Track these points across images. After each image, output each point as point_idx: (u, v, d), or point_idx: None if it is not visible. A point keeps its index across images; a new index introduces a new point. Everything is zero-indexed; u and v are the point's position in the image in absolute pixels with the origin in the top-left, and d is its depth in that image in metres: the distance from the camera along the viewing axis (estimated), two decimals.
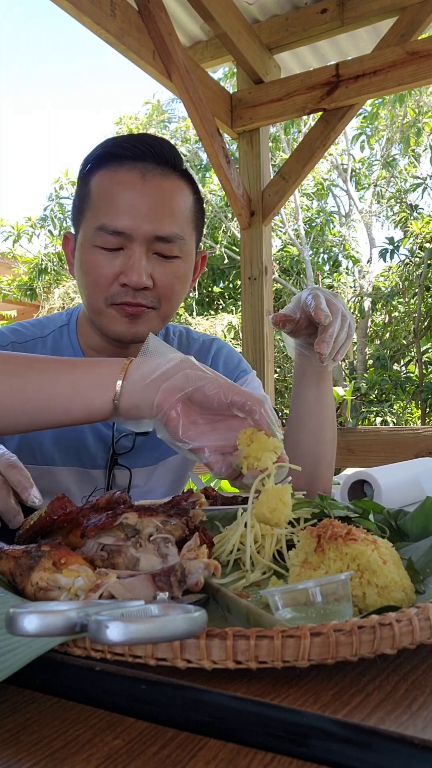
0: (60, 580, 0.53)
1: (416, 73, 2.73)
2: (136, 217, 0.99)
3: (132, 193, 0.99)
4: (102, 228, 0.99)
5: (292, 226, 10.46)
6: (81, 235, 1.05)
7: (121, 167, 1.01)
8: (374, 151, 10.89)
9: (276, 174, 3.21)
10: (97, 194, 1.02)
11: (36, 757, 0.36)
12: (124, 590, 0.50)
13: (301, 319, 1.00)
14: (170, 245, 1.02)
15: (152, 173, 1.01)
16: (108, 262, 1.01)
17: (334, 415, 1.17)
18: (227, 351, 1.32)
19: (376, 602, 0.54)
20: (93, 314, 1.07)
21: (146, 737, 0.38)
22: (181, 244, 1.04)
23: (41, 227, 11.51)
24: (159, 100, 11.21)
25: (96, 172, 1.03)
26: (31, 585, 0.53)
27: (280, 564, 0.69)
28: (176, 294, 1.07)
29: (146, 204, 0.99)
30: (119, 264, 1.01)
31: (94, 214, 1.02)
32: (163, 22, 2.50)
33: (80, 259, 1.05)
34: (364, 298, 10.27)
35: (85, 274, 1.04)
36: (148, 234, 1.00)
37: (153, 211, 0.99)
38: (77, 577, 0.52)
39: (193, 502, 0.69)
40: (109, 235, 0.99)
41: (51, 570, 0.53)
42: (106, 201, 1.00)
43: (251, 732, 0.37)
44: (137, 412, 0.72)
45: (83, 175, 1.07)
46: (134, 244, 1.00)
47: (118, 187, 1.00)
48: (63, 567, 0.53)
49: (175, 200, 1.03)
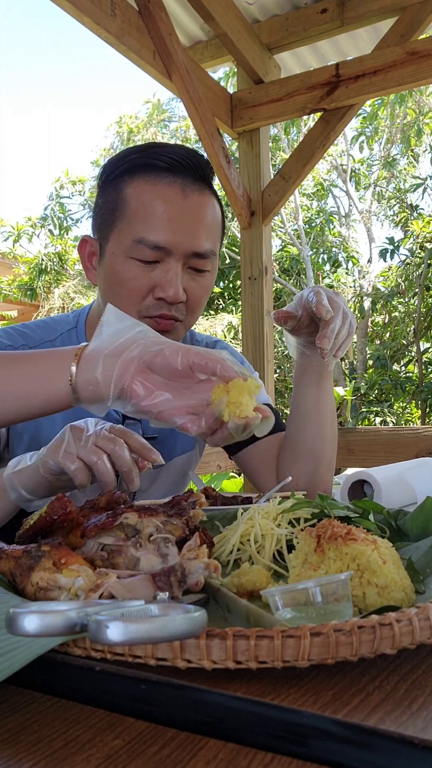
0: (60, 580, 0.53)
1: (416, 73, 2.72)
2: (177, 232, 1.00)
3: (173, 209, 1.00)
4: (141, 241, 1.00)
5: (292, 226, 10.47)
6: (113, 245, 1.04)
7: (161, 180, 1.01)
8: (374, 152, 10.90)
9: (276, 174, 3.21)
10: (135, 206, 1.02)
11: (36, 757, 0.36)
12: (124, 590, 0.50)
13: (303, 316, 1.01)
14: (204, 261, 1.05)
15: (191, 188, 1.03)
16: (144, 274, 1.02)
17: (335, 415, 1.18)
18: (230, 352, 1.33)
19: (376, 602, 0.54)
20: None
21: (146, 737, 0.38)
22: (213, 260, 1.08)
23: (41, 227, 11.50)
24: (159, 99, 11.21)
25: (131, 182, 1.03)
26: (31, 585, 0.53)
27: (280, 564, 0.69)
28: (202, 306, 1.10)
29: (187, 220, 1.01)
30: (155, 277, 1.02)
31: (131, 226, 1.02)
32: (163, 22, 2.49)
33: (112, 270, 1.04)
34: (364, 298, 10.27)
35: (118, 285, 1.04)
36: (187, 250, 1.02)
37: (193, 228, 1.02)
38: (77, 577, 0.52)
39: (193, 502, 0.69)
40: (148, 249, 1.00)
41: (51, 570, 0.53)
42: (145, 214, 1.01)
43: (251, 732, 0.37)
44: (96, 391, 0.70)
45: (112, 180, 1.06)
46: (172, 258, 1.01)
47: (159, 201, 1.00)
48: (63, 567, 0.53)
49: (210, 216, 1.05)
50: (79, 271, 11.11)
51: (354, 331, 1.03)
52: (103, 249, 1.07)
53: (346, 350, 1.01)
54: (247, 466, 1.28)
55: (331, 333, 0.95)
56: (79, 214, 12.22)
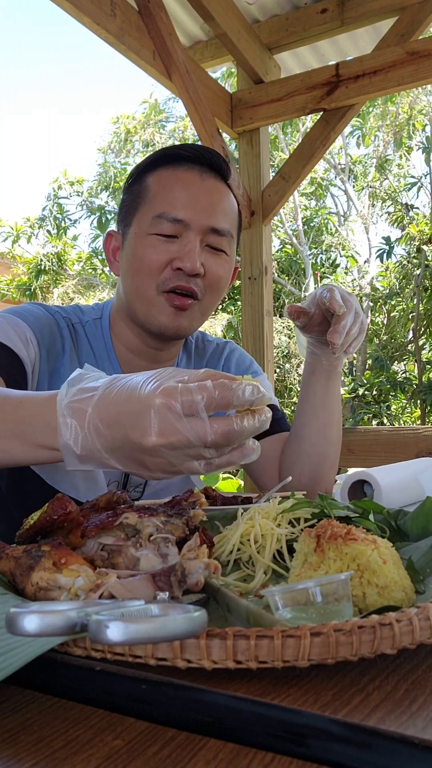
0: (60, 580, 0.53)
1: (416, 73, 2.73)
2: (195, 207, 1.06)
3: (191, 188, 1.07)
4: (161, 216, 1.05)
5: (290, 226, 10.46)
6: (135, 227, 1.10)
7: (181, 166, 1.09)
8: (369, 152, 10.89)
9: (276, 174, 3.21)
10: (156, 189, 1.09)
11: (36, 757, 0.36)
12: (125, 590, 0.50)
13: (315, 314, 1.03)
14: (221, 239, 1.09)
15: (209, 174, 1.10)
16: (163, 248, 1.06)
17: (341, 415, 1.18)
18: (239, 353, 1.37)
19: (376, 602, 0.54)
20: (142, 304, 1.10)
21: (146, 737, 0.38)
22: (230, 241, 1.11)
23: (39, 227, 11.50)
24: (156, 99, 11.20)
25: (153, 172, 1.11)
26: (31, 585, 0.53)
27: (280, 564, 0.69)
28: (220, 288, 1.12)
29: (204, 198, 1.07)
30: (174, 250, 1.06)
31: (151, 206, 1.08)
32: (163, 22, 2.49)
33: (133, 250, 1.09)
34: (363, 299, 10.26)
35: (138, 261, 1.08)
36: (205, 225, 1.06)
37: (210, 205, 1.07)
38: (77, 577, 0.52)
39: (193, 502, 0.69)
40: (167, 222, 1.05)
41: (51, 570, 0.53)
42: (165, 193, 1.07)
43: (251, 732, 0.37)
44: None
45: (136, 177, 1.13)
46: (190, 232, 1.06)
47: (178, 182, 1.07)
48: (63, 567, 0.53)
49: (227, 201, 1.11)
50: (77, 272, 11.10)
51: (365, 331, 1.04)
52: (126, 236, 1.13)
53: (356, 348, 1.03)
54: (249, 466, 1.28)
55: (343, 329, 0.96)
56: (77, 214, 12.21)
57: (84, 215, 12.23)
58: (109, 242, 1.18)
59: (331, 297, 0.97)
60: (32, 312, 1.12)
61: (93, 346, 1.17)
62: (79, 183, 11.96)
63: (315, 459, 1.14)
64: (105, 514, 0.65)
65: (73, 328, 1.17)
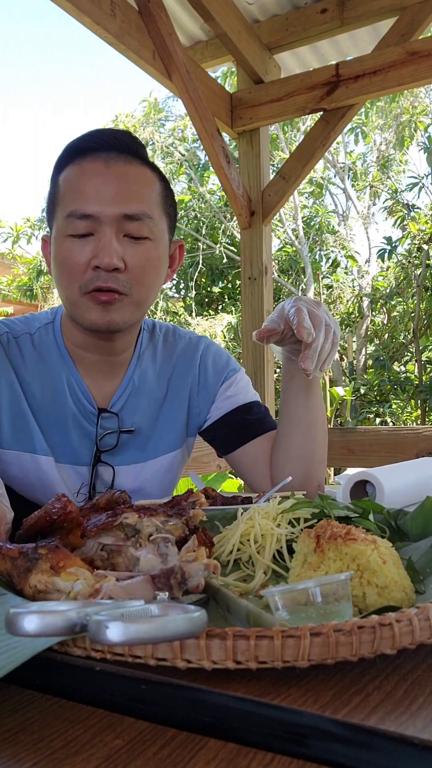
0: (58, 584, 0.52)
1: (416, 73, 2.73)
2: (103, 199, 1.01)
3: (96, 179, 1.02)
4: (71, 214, 1.02)
5: (290, 226, 10.46)
6: (54, 231, 1.07)
7: (85, 159, 1.04)
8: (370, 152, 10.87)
9: (276, 174, 3.21)
10: (64, 188, 1.05)
11: (36, 757, 0.36)
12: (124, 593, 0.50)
13: (286, 329, 1.01)
14: (139, 224, 1.03)
15: (115, 160, 1.03)
16: (80, 249, 1.02)
17: (324, 415, 1.18)
18: (215, 350, 1.31)
19: (376, 602, 0.54)
20: (69, 306, 1.08)
21: (146, 737, 0.38)
22: (151, 225, 1.05)
23: (38, 228, 11.49)
24: (156, 98, 11.19)
25: (63, 170, 1.07)
26: (29, 587, 0.53)
27: (280, 564, 0.69)
28: (148, 277, 1.07)
29: (111, 187, 1.02)
30: (91, 250, 1.02)
31: (62, 207, 1.04)
32: (163, 22, 2.49)
33: (54, 254, 1.07)
34: (363, 298, 10.26)
35: (60, 266, 1.05)
36: (116, 213, 1.01)
37: (119, 193, 1.02)
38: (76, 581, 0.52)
39: (193, 502, 0.69)
40: (78, 220, 1.01)
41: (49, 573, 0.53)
42: (73, 190, 1.03)
43: (251, 732, 0.37)
44: None
45: (53, 177, 1.09)
46: (103, 226, 1.01)
47: (83, 176, 1.03)
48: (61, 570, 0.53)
49: (139, 183, 1.05)
50: None
51: (339, 341, 1.01)
52: (51, 240, 1.10)
53: (331, 362, 1.01)
54: (239, 466, 1.27)
55: (314, 353, 0.94)
56: None
57: None
58: (45, 248, 1.15)
59: (298, 323, 0.94)
60: None
61: (42, 353, 1.15)
62: None
63: (303, 460, 1.15)
64: (105, 514, 0.65)
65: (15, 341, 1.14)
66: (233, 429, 1.25)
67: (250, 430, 1.24)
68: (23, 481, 1.11)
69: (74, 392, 1.14)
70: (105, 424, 1.15)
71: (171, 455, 1.23)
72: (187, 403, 1.24)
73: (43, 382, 1.13)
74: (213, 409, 1.26)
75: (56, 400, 1.12)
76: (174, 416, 1.23)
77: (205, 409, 1.26)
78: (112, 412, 1.15)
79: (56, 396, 1.13)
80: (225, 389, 1.26)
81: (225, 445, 1.27)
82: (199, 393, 1.26)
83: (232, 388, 1.27)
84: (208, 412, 1.26)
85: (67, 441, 1.13)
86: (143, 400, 1.19)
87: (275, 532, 0.71)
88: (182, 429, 1.24)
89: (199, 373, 1.26)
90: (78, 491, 1.14)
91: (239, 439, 1.24)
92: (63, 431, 1.12)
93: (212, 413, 1.26)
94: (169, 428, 1.22)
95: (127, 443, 1.16)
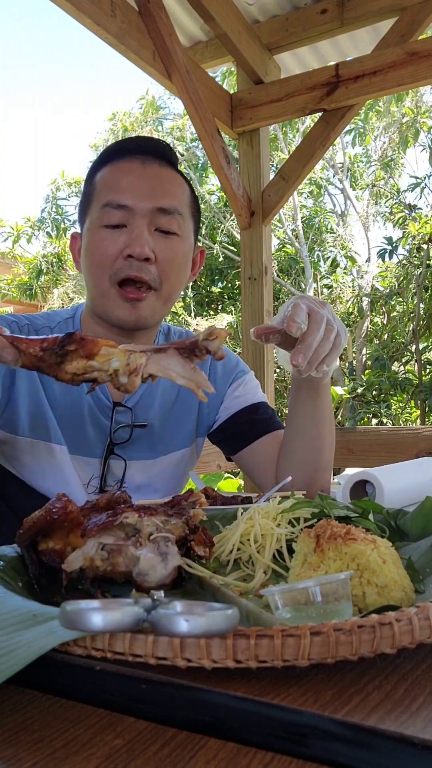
0: (95, 365, 0.58)
1: (416, 74, 2.73)
2: (138, 192, 1.08)
3: (133, 175, 1.09)
4: (107, 204, 1.08)
5: (290, 226, 10.46)
6: (88, 222, 1.13)
7: (122, 159, 1.12)
8: (370, 151, 10.86)
9: (276, 174, 3.21)
10: (101, 184, 1.12)
11: (36, 757, 0.36)
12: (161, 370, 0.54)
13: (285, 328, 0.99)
14: (170, 218, 1.10)
15: (151, 162, 1.12)
16: (113, 239, 1.07)
17: (332, 424, 1.18)
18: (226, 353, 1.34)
19: (376, 602, 0.54)
20: (98, 298, 1.11)
21: (146, 737, 0.38)
22: (180, 221, 1.11)
23: (39, 228, 11.49)
24: (153, 96, 11.16)
25: (100, 170, 1.14)
26: (66, 373, 0.58)
27: (280, 564, 0.69)
28: (175, 272, 1.12)
29: (146, 183, 1.09)
30: (123, 241, 1.07)
31: (98, 200, 1.10)
32: (163, 22, 2.49)
33: (87, 244, 1.12)
34: (363, 298, 10.26)
35: (91, 254, 1.10)
36: (150, 207, 1.08)
37: (153, 188, 1.09)
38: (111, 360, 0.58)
39: (193, 502, 0.69)
40: (113, 210, 1.07)
41: (84, 360, 0.58)
42: (110, 184, 1.10)
43: (251, 731, 0.37)
44: None
45: (89, 176, 1.16)
46: (137, 218, 1.07)
47: (121, 171, 1.11)
48: (94, 357, 0.58)
49: (172, 184, 1.13)
50: (77, 272, 11.10)
51: (343, 341, 0.98)
52: (82, 234, 1.15)
53: (333, 363, 0.96)
54: (246, 467, 1.29)
55: (307, 348, 0.90)
56: (76, 215, 12.19)
57: None
58: (74, 244, 1.20)
59: (290, 317, 0.90)
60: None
61: None
62: (77, 184, 11.95)
63: (308, 467, 1.15)
64: (105, 513, 0.65)
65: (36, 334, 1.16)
66: (241, 429, 1.27)
67: (256, 429, 1.26)
68: (36, 469, 1.13)
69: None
70: (119, 418, 1.17)
71: (180, 453, 1.25)
72: (198, 403, 1.28)
73: None
74: (222, 409, 1.30)
75: (73, 392, 1.15)
76: (184, 415, 1.26)
77: (214, 410, 1.30)
78: (127, 407, 1.17)
79: (73, 388, 1.15)
80: (233, 390, 1.30)
81: (232, 445, 1.30)
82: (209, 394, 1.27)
83: (241, 388, 1.30)
84: (217, 413, 1.30)
85: (82, 432, 1.15)
86: (156, 397, 1.22)
87: (275, 531, 0.71)
88: (192, 428, 1.28)
89: (210, 375, 1.30)
90: (88, 482, 1.16)
91: (246, 438, 1.27)
92: (78, 423, 1.15)
93: (221, 413, 1.30)
94: (179, 427, 1.25)
95: (139, 439, 1.19)
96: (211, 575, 0.63)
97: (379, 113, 9.83)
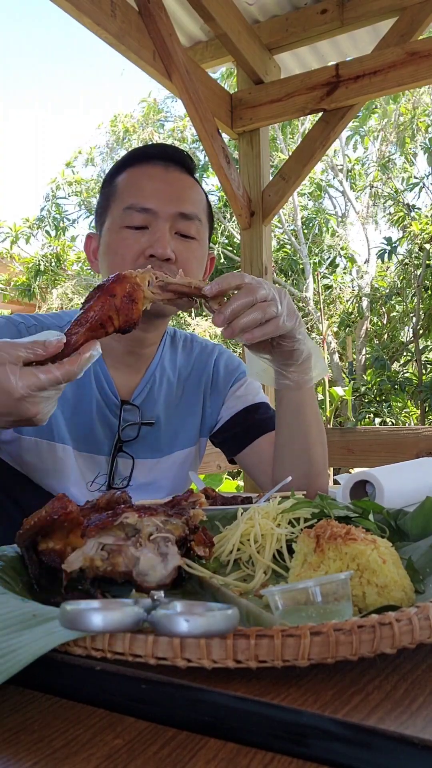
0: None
1: (416, 74, 2.73)
2: (162, 196, 1.11)
3: (156, 179, 1.13)
4: (130, 207, 1.11)
5: (289, 226, 10.45)
6: (108, 222, 1.15)
7: (146, 163, 1.15)
8: (369, 152, 10.86)
9: (276, 174, 3.21)
10: (124, 185, 1.15)
11: (36, 757, 0.36)
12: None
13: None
14: (190, 223, 1.13)
15: (173, 168, 1.16)
16: (135, 239, 1.10)
17: (321, 431, 1.18)
18: (228, 355, 1.39)
19: (376, 602, 0.54)
20: None
21: (146, 737, 0.38)
22: (198, 226, 1.15)
23: (38, 228, 11.49)
24: (155, 98, 11.17)
25: (122, 173, 1.17)
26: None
27: (280, 564, 0.69)
28: (193, 274, 1.13)
29: (170, 187, 1.13)
30: (145, 241, 1.09)
31: (121, 201, 1.13)
32: (163, 22, 2.49)
33: (108, 243, 1.14)
34: (363, 298, 10.26)
35: (113, 254, 1.12)
36: (172, 211, 1.11)
37: (176, 193, 1.13)
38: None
39: (193, 502, 0.69)
40: (136, 213, 1.10)
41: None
42: (133, 187, 1.13)
43: (251, 731, 0.37)
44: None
45: (108, 180, 1.19)
46: (159, 221, 1.10)
47: (144, 175, 1.14)
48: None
49: (192, 190, 1.17)
50: (77, 272, 11.09)
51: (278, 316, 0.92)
52: (101, 234, 1.17)
53: (256, 335, 0.90)
54: (247, 467, 1.31)
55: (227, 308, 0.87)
56: (75, 214, 12.18)
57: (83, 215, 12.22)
58: (89, 244, 1.22)
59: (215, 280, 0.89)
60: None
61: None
62: (77, 183, 11.95)
63: (303, 470, 1.15)
64: (105, 513, 0.65)
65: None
66: (241, 428, 1.29)
67: (256, 429, 1.28)
68: (39, 467, 1.14)
69: (100, 383, 1.18)
70: (126, 416, 1.19)
71: (184, 452, 1.27)
72: (201, 404, 1.30)
73: None
74: (224, 409, 1.32)
75: (82, 390, 1.16)
76: (188, 416, 1.28)
77: (216, 410, 1.32)
78: (134, 405, 1.19)
79: (82, 386, 1.17)
80: (235, 390, 1.32)
81: (234, 446, 1.31)
82: (212, 395, 1.32)
83: (242, 389, 1.32)
84: (219, 413, 1.32)
85: (89, 430, 1.16)
86: (162, 396, 1.24)
87: (275, 532, 0.71)
88: (196, 428, 1.30)
89: (212, 376, 1.33)
90: (93, 480, 1.17)
91: (246, 438, 1.28)
92: (87, 420, 1.16)
93: (223, 413, 1.32)
94: (183, 426, 1.27)
95: (147, 436, 1.20)
96: (211, 575, 0.63)
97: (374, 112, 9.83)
